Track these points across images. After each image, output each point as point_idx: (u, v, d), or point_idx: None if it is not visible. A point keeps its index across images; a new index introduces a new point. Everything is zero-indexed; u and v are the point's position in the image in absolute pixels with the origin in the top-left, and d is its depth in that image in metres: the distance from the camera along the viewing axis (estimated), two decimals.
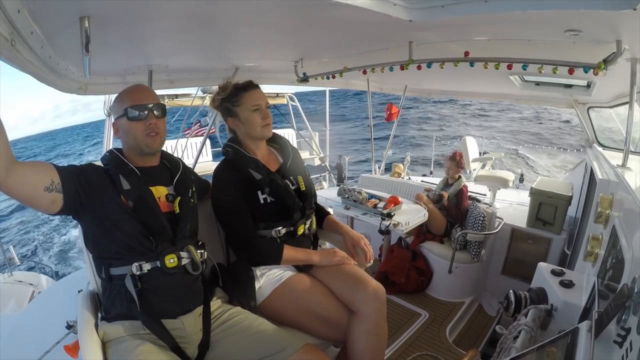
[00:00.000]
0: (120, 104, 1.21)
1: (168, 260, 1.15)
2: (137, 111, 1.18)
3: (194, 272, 1.22)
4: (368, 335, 1.33)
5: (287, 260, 1.45)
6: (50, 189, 1.00)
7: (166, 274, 1.16)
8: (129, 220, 1.12)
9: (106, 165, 1.20)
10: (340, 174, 5.44)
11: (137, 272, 1.12)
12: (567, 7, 1.07)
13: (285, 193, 1.46)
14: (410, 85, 4.12)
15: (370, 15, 1.17)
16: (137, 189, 1.16)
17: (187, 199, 1.28)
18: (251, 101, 1.46)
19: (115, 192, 1.13)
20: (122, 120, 1.20)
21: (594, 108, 3.10)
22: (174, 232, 1.20)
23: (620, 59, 1.41)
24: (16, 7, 0.87)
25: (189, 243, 1.23)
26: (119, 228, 1.12)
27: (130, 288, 1.10)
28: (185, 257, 1.20)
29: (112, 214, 1.11)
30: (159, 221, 1.16)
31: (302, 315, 1.39)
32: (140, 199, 1.15)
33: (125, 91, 1.24)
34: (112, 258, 1.13)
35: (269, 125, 1.50)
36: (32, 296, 3.83)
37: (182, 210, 1.24)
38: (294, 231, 1.50)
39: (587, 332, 0.79)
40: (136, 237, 1.13)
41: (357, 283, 1.40)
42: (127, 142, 1.23)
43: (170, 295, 1.17)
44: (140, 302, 1.11)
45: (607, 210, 1.34)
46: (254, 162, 1.46)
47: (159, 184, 1.26)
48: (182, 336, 1.16)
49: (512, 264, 3.24)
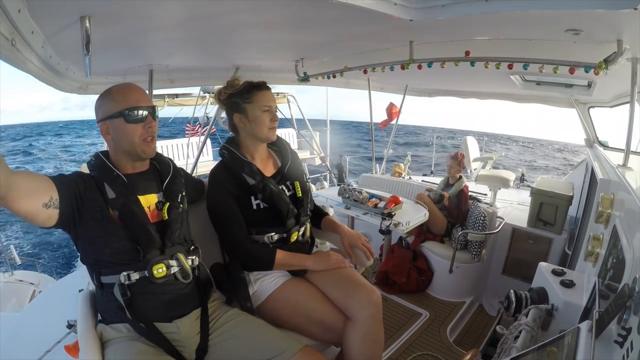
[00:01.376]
0: (113, 103, 1.13)
1: (156, 269, 1.12)
2: (136, 114, 1.12)
3: (184, 280, 1.18)
4: (362, 342, 1.31)
5: (280, 265, 1.43)
6: (48, 206, 0.97)
7: (154, 284, 1.13)
8: (116, 233, 1.09)
9: (92, 172, 1.15)
10: (340, 173, 5.44)
11: (125, 281, 1.09)
12: (567, 7, 1.06)
13: (278, 200, 1.43)
14: (411, 85, 4.12)
15: (371, 14, 1.17)
16: (123, 197, 1.11)
17: (176, 204, 1.23)
18: (263, 101, 1.43)
19: (102, 203, 1.09)
20: (116, 121, 1.12)
21: (595, 108, 3.10)
22: (163, 240, 1.16)
23: (621, 59, 1.41)
24: (17, 6, 0.87)
25: (179, 251, 1.19)
26: (106, 241, 1.09)
27: (118, 297, 1.09)
28: (174, 266, 1.16)
29: (99, 229, 1.08)
30: (147, 231, 1.12)
31: (298, 319, 1.38)
32: (125, 209, 1.11)
33: (119, 90, 1.15)
34: (102, 267, 1.11)
35: (275, 129, 1.48)
36: (32, 296, 3.84)
37: (171, 216, 1.20)
38: (287, 238, 1.48)
39: (587, 332, 0.79)
40: (123, 248, 1.10)
41: (352, 288, 1.38)
42: (119, 145, 1.16)
43: (162, 301, 1.15)
44: (130, 310, 1.09)
45: (608, 210, 1.34)
46: (249, 167, 1.43)
47: (149, 191, 1.21)
48: (178, 340, 1.14)
49: (513, 264, 3.24)
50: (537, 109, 65.80)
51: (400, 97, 4.34)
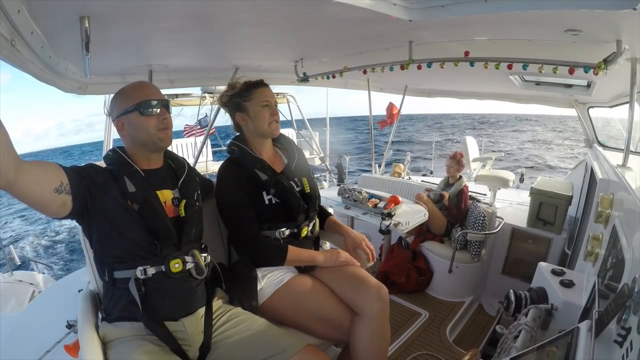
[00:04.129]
0: (126, 100, 1.17)
1: (173, 265, 1.14)
2: (150, 106, 1.16)
3: (199, 276, 1.21)
4: (371, 336, 1.32)
5: (292, 261, 1.44)
6: (60, 191, 0.96)
7: (170, 278, 1.15)
8: (135, 225, 1.10)
9: (109, 165, 1.16)
10: (340, 173, 5.44)
11: (142, 276, 1.10)
12: (567, 7, 1.07)
13: (290, 195, 1.45)
14: (410, 85, 4.12)
15: (370, 15, 1.17)
16: (143, 191, 1.13)
17: (192, 202, 1.26)
18: (262, 97, 1.46)
19: (120, 195, 1.10)
20: (131, 116, 1.15)
21: (594, 108, 3.10)
22: (179, 236, 1.18)
23: (621, 59, 1.41)
24: (16, 7, 0.87)
25: (194, 247, 1.22)
26: (124, 233, 1.10)
27: (133, 292, 1.09)
28: (190, 262, 1.19)
29: (117, 219, 1.09)
30: (165, 226, 1.15)
31: (303, 316, 1.38)
32: (146, 203, 1.13)
33: (131, 88, 1.19)
34: (116, 262, 1.12)
35: (277, 123, 1.50)
36: (32, 296, 3.83)
37: (188, 213, 1.23)
38: (298, 233, 1.49)
39: (587, 332, 0.79)
40: (141, 242, 1.11)
41: (360, 284, 1.39)
42: (136, 138, 1.18)
43: (174, 298, 1.16)
44: (142, 305, 1.10)
45: (608, 210, 1.34)
46: (260, 162, 1.46)
47: (165, 187, 1.23)
48: (184, 338, 1.15)
49: (513, 264, 3.24)
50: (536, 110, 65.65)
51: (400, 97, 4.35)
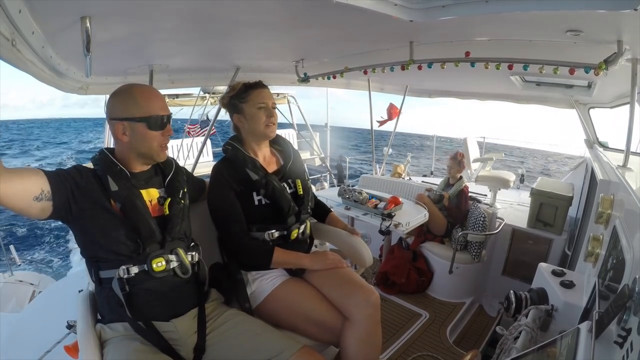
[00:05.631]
0: (134, 107, 1.14)
1: (155, 263, 1.13)
2: (160, 122, 1.17)
3: (184, 275, 1.19)
4: (360, 343, 1.31)
5: (278, 263, 1.43)
6: (40, 198, 0.97)
7: (154, 278, 1.13)
8: (117, 225, 1.10)
9: (95, 166, 1.16)
10: (340, 174, 5.44)
11: (125, 275, 1.09)
12: (568, 7, 1.06)
13: (281, 196, 1.44)
14: (411, 86, 4.12)
15: (371, 15, 1.17)
16: (126, 190, 1.13)
17: (177, 200, 1.25)
18: (258, 99, 1.46)
19: (103, 195, 1.10)
20: (138, 125, 1.14)
21: (595, 108, 3.10)
22: (163, 235, 1.17)
23: (621, 60, 1.41)
24: (17, 7, 0.87)
25: (179, 246, 1.20)
26: (107, 233, 1.09)
27: (117, 291, 1.09)
28: (174, 261, 1.17)
29: (99, 219, 1.08)
30: (148, 224, 1.14)
31: (296, 319, 1.37)
32: (128, 201, 1.12)
33: (141, 95, 1.16)
34: (101, 261, 1.11)
35: (273, 125, 1.49)
36: (32, 296, 3.83)
37: (172, 211, 1.22)
38: (287, 235, 1.48)
39: (587, 333, 0.79)
40: (124, 241, 1.10)
41: (349, 288, 1.38)
42: (136, 147, 1.17)
43: (160, 298, 1.15)
44: (128, 306, 1.09)
45: (608, 210, 1.34)
46: (252, 162, 1.45)
47: (151, 186, 1.23)
48: (175, 339, 1.14)
49: (513, 265, 3.24)
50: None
51: (400, 97, 4.34)
